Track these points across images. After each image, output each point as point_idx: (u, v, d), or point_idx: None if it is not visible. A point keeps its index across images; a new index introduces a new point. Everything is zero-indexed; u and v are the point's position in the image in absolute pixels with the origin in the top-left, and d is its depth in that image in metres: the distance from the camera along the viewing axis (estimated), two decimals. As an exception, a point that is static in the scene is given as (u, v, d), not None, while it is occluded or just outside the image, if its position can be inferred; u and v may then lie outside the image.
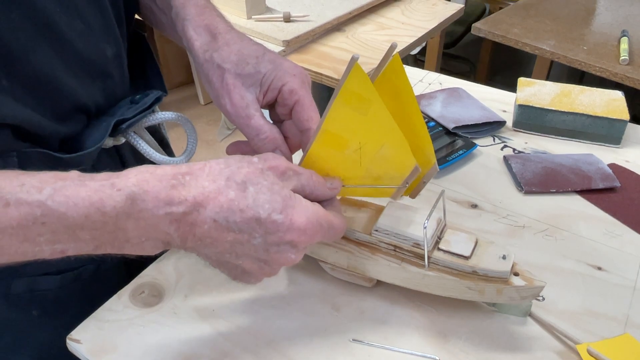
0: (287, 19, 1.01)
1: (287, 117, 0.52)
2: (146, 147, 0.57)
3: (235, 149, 0.55)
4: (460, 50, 2.45)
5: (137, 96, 0.56)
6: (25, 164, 0.48)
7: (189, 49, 0.54)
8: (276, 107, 0.52)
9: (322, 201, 0.47)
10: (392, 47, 0.49)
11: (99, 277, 0.58)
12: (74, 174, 0.37)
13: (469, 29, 2.27)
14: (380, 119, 0.46)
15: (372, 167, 0.50)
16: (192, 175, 0.39)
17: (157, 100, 0.56)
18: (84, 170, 0.38)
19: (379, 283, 0.55)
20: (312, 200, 0.46)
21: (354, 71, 0.43)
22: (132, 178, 0.37)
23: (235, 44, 0.51)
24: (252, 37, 0.89)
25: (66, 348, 0.51)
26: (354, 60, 0.42)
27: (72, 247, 0.37)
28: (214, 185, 0.38)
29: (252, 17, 1.02)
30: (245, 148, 0.53)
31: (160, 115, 0.58)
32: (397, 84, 0.50)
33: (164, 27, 0.60)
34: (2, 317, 0.54)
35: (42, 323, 0.55)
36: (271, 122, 0.51)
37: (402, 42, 1.01)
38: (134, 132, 0.57)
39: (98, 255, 0.39)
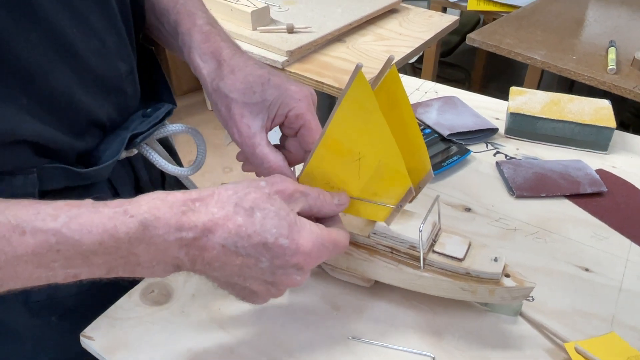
0: (291, 30, 1.01)
1: (293, 136, 0.52)
2: (158, 158, 0.58)
3: (249, 167, 0.55)
4: (455, 58, 2.45)
5: (149, 110, 0.56)
6: (45, 179, 0.48)
7: (198, 76, 0.53)
8: (283, 128, 0.52)
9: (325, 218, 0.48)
10: (390, 59, 0.49)
11: (113, 282, 0.58)
12: (87, 201, 0.37)
13: (463, 38, 2.27)
14: (379, 132, 0.46)
15: (369, 182, 0.49)
16: (202, 202, 0.38)
17: (168, 113, 0.57)
18: (97, 185, 0.38)
19: (376, 283, 0.55)
20: (319, 217, 0.47)
21: (357, 79, 0.43)
22: (144, 205, 0.37)
23: (240, 71, 0.50)
24: (256, 47, 0.89)
25: (83, 351, 0.51)
26: (358, 68, 0.42)
27: (85, 272, 0.37)
28: (223, 212, 0.38)
29: (257, 28, 1.02)
30: (255, 169, 0.54)
31: (171, 128, 0.58)
32: (394, 93, 0.50)
33: (173, 50, 0.60)
34: (23, 324, 0.54)
35: (60, 328, 0.55)
36: (276, 149, 0.51)
37: (400, 52, 1.01)
38: (146, 144, 0.57)
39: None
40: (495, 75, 2.56)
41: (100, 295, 0.56)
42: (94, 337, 0.51)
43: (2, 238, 0.33)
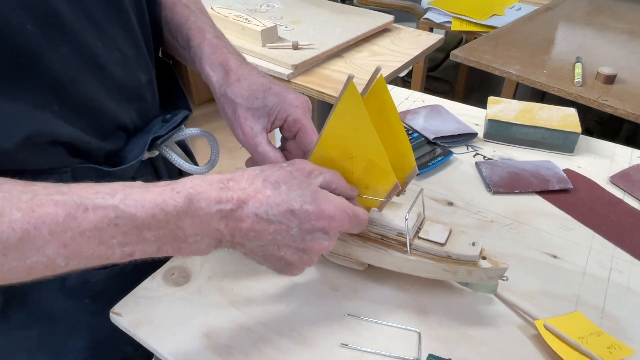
0: (296, 47, 1.01)
1: (292, 138, 0.53)
2: (177, 158, 0.58)
3: (252, 162, 0.55)
4: (441, 73, 2.45)
5: (168, 115, 0.56)
6: (78, 177, 0.48)
7: (208, 83, 0.54)
8: (282, 131, 0.53)
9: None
10: (377, 69, 0.49)
11: (139, 268, 0.58)
12: (138, 182, 0.37)
13: (448, 55, 2.27)
14: (368, 136, 0.46)
15: (362, 177, 0.50)
16: (234, 180, 0.40)
17: (185, 118, 0.57)
18: (119, 179, 0.38)
19: (369, 267, 0.56)
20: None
21: (349, 89, 0.43)
22: (188, 183, 0.38)
23: (245, 80, 0.51)
24: (265, 62, 0.90)
25: (113, 330, 0.51)
26: (350, 79, 0.43)
27: (139, 250, 0.37)
28: (253, 187, 0.39)
29: (266, 45, 1.02)
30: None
31: (188, 131, 0.59)
32: (382, 99, 0.50)
33: (186, 61, 0.60)
34: (59, 306, 0.54)
35: (92, 310, 0.55)
36: (276, 148, 0.52)
37: (392, 66, 1.01)
38: (166, 146, 0.58)
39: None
40: (476, 87, 2.55)
41: (127, 280, 0.56)
42: (122, 313, 0.52)
43: (68, 215, 0.33)
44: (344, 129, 0.47)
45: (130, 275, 0.57)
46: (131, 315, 0.52)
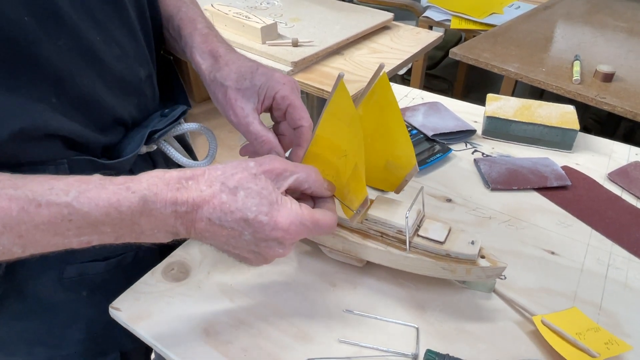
0: (295, 44, 1.01)
1: (282, 119, 0.52)
2: (175, 153, 0.57)
3: (245, 150, 0.55)
4: (440, 71, 2.44)
5: (166, 110, 0.56)
6: (75, 169, 0.48)
7: (198, 71, 0.54)
8: (272, 111, 0.52)
9: (319, 198, 0.47)
10: (380, 67, 0.49)
11: (138, 261, 0.58)
12: (95, 177, 0.37)
13: (447, 54, 2.26)
14: (357, 135, 0.45)
15: (349, 179, 0.48)
16: (194, 180, 0.39)
17: (183, 113, 0.56)
18: (118, 174, 0.38)
19: (368, 263, 0.55)
20: (310, 195, 0.46)
21: (339, 88, 0.43)
22: (144, 182, 0.37)
23: (233, 64, 0.51)
24: (265, 59, 0.89)
25: (111, 322, 0.51)
26: (340, 77, 0.42)
27: (96, 239, 0.37)
28: (210, 190, 0.38)
29: (266, 42, 1.02)
30: (252, 149, 0.54)
31: (186, 126, 0.58)
32: (385, 97, 0.50)
33: (177, 52, 0.60)
34: (57, 298, 0.54)
35: (90, 302, 0.55)
36: (268, 127, 0.52)
37: (391, 64, 1.00)
38: (164, 140, 0.57)
39: (132, 246, 0.39)
40: (475, 85, 2.55)
41: (126, 274, 0.56)
42: (121, 308, 0.51)
43: (22, 210, 0.33)
44: (337, 126, 0.46)
45: (128, 268, 0.57)
46: (130, 310, 0.51)
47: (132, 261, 0.58)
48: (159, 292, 0.53)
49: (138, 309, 0.51)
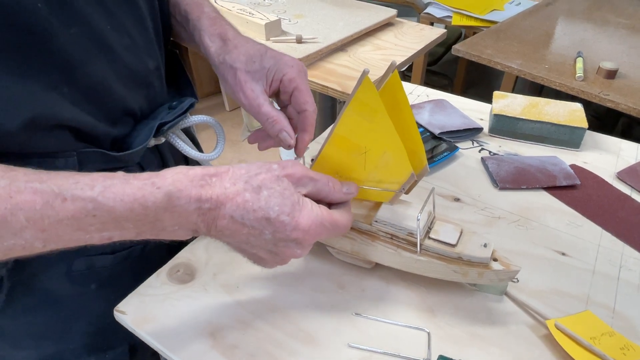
0: (299, 40, 0.98)
1: (289, 102, 0.51)
2: (183, 145, 0.55)
3: (255, 137, 0.54)
4: (440, 67, 2.41)
5: (174, 102, 0.54)
6: (84, 162, 0.46)
7: (206, 54, 0.53)
8: (280, 95, 0.51)
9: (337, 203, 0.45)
10: (393, 65, 0.46)
11: (145, 255, 0.56)
12: (120, 173, 0.36)
13: (447, 50, 2.23)
14: (384, 127, 0.43)
15: (374, 171, 0.47)
16: (218, 177, 0.38)
17: (191, 106, 0.55)
18: (129, 168, 0.36)
19: (377, 265, 0.53)
20: (328, 203, 0.44)
21: (364, 83, 0.41)
22: (169, 178, 0.36)
23: (242, 47, 0.50)
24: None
25: None
26: (365, 73, 0.40)
27: (118, 235, 0.35)
28: (234, 188, 0.37)
29: (270, 38, 0.99)
30: (262, 134, 0.53)
31: (195, 118, 0.56)
32: (396, 95, 0.48)
33: (182, 39, 0.59)
34: (64, 291, 0.52)
35: (98, 295, 0.54)
36: (278, 108, 0.51)
37: (396, 61, 0.98)
38: (173, 133, 0.55)
39: (140, 240, 0.37)
40: (474, 82, 2.52)
41: (133, 268, 0.55)
42: (125, 311, 0.49)
43: (46, 204, 0.32)
44: (358, 123, 0.44)
45: (136, 262, 0.55)
46: (135, 313, 0.49)
47: (140, 255, 0.56)
48: (164, 295, 0.51)
49: (143, 312, 0.49)
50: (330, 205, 0.45)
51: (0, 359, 0.53)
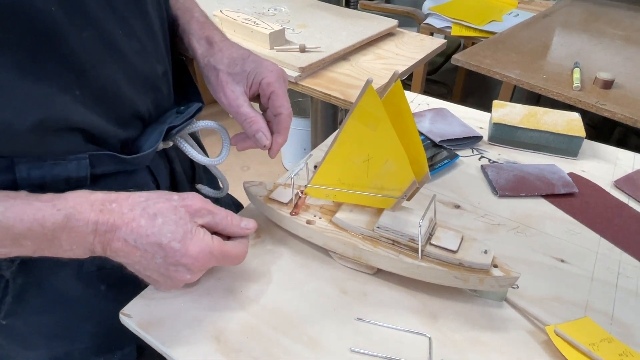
0: (303, 49, 0.98)
1: (267, 106, 0.53)
2: (191, 149, 0.56)
3: (235, 139, 0.56)
4: (439, 76, 2.42)
5: (182, 107, 0.55)
6: (96, 164, 0.46)
7: (194, 56, 0.55)
8: (260, 99, 0.53)
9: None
10: (395, 74, 0.46)
11: None
12: (23, 193, 0.37)
13: (447, 59, 2.23)
14: (386, 136, 0.43)
15: (377, 178, 0.47)
16: (117, 203, 0.40)
17: (199, 110, 0.55)
18: (138, 172, 0.37)
19: (379, 271, 0.53)
20: (226, 235, 0.47)
21: (368, 92, 0.41)
22: (70, 201, 0.38)
23: (227, 50, 0.53)
24: (274, 63, 0.88)
25: None
26: (368, 82, 0.40)
27: (15, 251, 0.37)
28: (131, 214, 0.39)
29: (274, 48, 0.99)
30: (242, 135, 0.55)
31: (202, 123, 0.56)
32: (398, 104, 0.48)
33: (172, 42, 0.60)
34: (75, 292, 0.52)
35: (107, 296, 0.54)
36: (255, 110, 0.52)
37: (396, 69, 0.98)
38: (180, 137, 0.55)
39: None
40: (473, 90, 2.52)
41: None
42: (131, 314, 0.49)
43: None
44: (361, 131, 0.45)
45: None
46: (141, 316, 0.49)
47: None
48: (169, 298, 0.51)
49: (148, 316, 0.49)
50: (229, 237, 0.47)
51: (11, 359, 0.52)
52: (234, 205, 0.79)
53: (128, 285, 0.51)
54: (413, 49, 1.08)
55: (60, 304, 0.52)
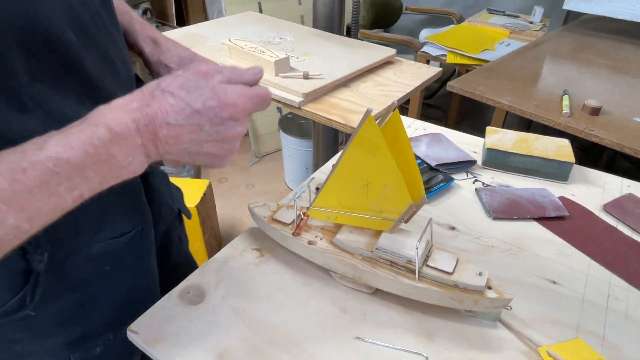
0: (306, 76, 1.00)
1: None
2: None
3: None
4: (435, 100, 2.44)
5: None
6: None
7: (140, 54, 0.58)
8: None
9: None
10: (393, 104, 0.47)
11: (144, 235, 0.57)
12: (52, 133, 0.35)
13: (442, 85, 2.26)
14: (385, 162, 0.44)
15: (376, 202, 0.48)
16: (135, 99, 0.38)
17: None
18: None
19: (378, 290, 0.53)
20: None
21: (367, 121, 0.42)
22: (98, 115, 0.36)
23: (175, 49, 0.56)
24: (278, 90, 0.89)
25: (130, 295, 0.55)
26: (368, 112, 0.41)
27: (85, 189, 0.35)
28: (155, 100, 0.38)
29: (279, 74, 1.01)
30: None
31: None
32: (396, 132, 0.49)
33: None
34: (86, 275, 0.52)
35: (113, 276, 0.54)
36: None
37: (394, 96, 0.99)
38: None
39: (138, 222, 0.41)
40: (467, 114, 2.55)
41: (137, 247, 0.56)
42: (138, 331, 0.49)
43: (12, 181, 0.31)
44: (361, 158, 0.45)
45: (138, 241, 0.56)
46: (147, 333, 0.49)
47: (141, 235, 0.56)
48: (175, 316, 0.51)
49: (154, 332, 0.49)
50: None
51: (28, 355, 0.52)
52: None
53: (128, 264, 0.54)
54: (410, 76, 1.09)
55: (75, 288, 0.51)
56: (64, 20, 0.40)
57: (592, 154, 1.93)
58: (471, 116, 2.53)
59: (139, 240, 0.56)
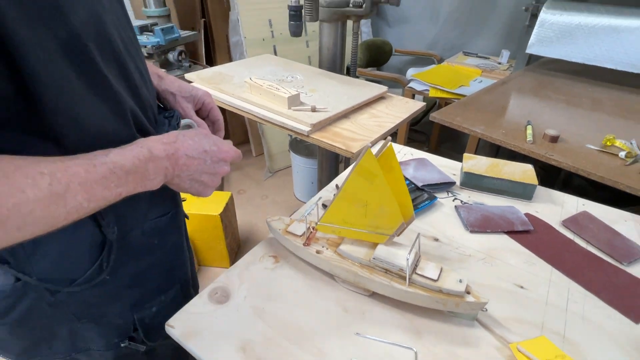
0: (314, 110, 1.01)
1: (206, 117, 0.62)
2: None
3: None
4: (420, 126, 2.45)
5: (166, 113, 0.58)
6: None
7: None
8: (200, 112, 0.62)
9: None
10: (387, 140, 0.48)
11: (177, 215, 0.58)
12: (114, 148, 0.40)
13: (426, 113, 2.27)
14: (381, 188, 0.45)
15: (373, 219, 0.48)
16: (166, 138, 0.44)
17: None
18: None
19: (375, 293, 0.53)
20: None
21: (366, 154, 0.42)
22: (145, 142, 0.42)
23: (175, 82, 0.60)
24: (291, 120, 0.90)
25: (173, 262, 0.58)
26: (366, 147, 0.42)
27: (124, 190, 0.39)
28: (180, 141, 0.45)
29: (292, 108, 1.02)
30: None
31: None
32: (390, 162, 0.49)
33: None
34: (143, 247, 0.53)
35: (160, 248, 0.56)
36: (200, 120, 0.61)
37: (386, 126, 1.00)
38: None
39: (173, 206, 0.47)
40: (447, 139, 2.55)
41: (175, 224, 0.58)
42: (175, 326, 0.49)
43: (87, 171, 0.35)
44: (361, 184, 0.46)
45: (175, 219, 0.58)
46: (182, 328, 0.49)
47: (176, 216, 0.58)
48: (205, 313, 0.51)
49: (189, 328, 0.49)
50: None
51: (102, 316, 0.53)
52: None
53: (170, 238, 0.57)
54: (399, 109, 1.11)
55: (136, 257, 0.52)
56: (115, 30, 0.43)
57: (552, 172, 1.92)
58: (450, 140, 2.54)
59: (176, 219, 0.58)
